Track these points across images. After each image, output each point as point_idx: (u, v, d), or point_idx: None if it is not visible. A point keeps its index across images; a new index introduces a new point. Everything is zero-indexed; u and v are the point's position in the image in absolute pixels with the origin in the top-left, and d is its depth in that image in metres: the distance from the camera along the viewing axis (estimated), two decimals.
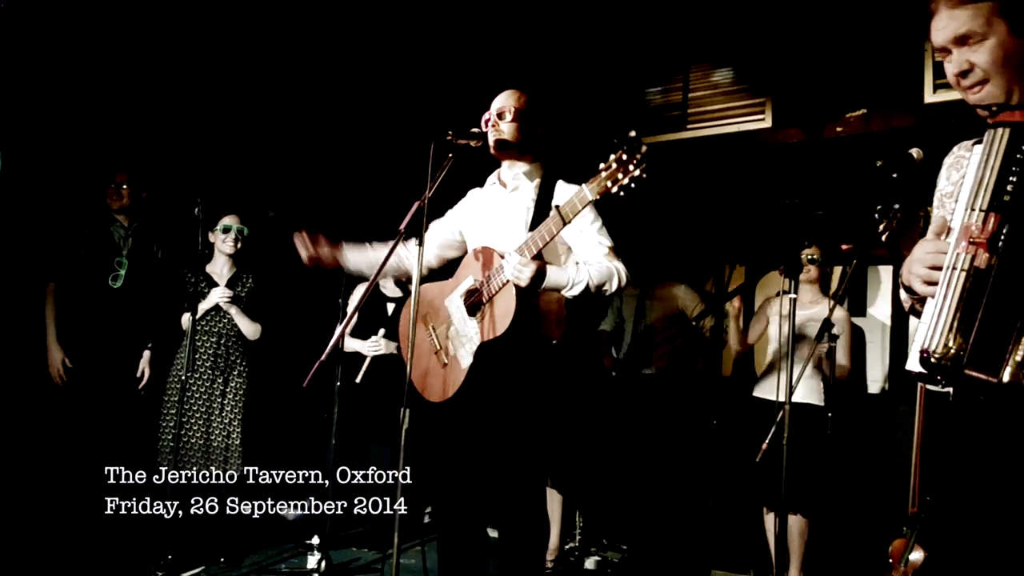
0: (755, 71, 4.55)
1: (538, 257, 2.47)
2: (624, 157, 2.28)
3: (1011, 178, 1.29)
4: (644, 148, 2.26)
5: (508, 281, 2.48)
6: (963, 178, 1.44)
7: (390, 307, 4.38)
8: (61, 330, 3.87)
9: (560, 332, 2.71)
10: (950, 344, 1.29)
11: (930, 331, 1.32)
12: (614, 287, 2.61)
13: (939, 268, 1.37)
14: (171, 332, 4.02)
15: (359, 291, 4.41)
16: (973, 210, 1.32)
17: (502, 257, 2.54)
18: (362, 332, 4.34)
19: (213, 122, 4.74)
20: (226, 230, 4.01)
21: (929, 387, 1.47)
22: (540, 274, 2.45)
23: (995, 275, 1.28)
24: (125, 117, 4.43)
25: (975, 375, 1.27)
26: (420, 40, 4.97)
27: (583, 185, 2.36)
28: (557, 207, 2.42)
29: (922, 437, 1.52)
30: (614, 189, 2.29)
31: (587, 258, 2.64)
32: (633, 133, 2.28)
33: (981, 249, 1.29)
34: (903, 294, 1.60)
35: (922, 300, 1.45)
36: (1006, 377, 1.25)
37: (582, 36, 4.92)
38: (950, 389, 1.42)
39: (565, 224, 2.40)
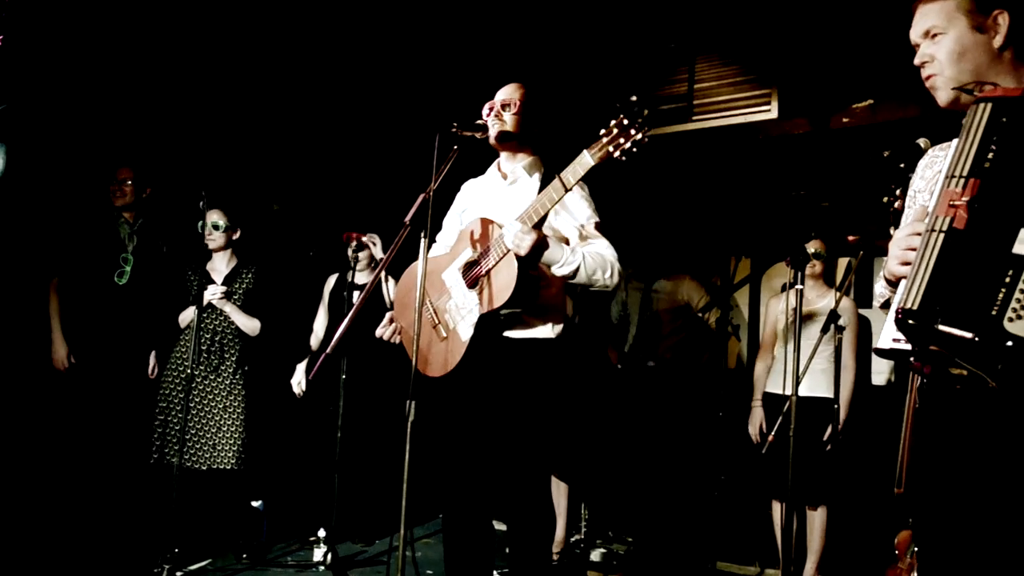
0: (761, 62, 4.52)
1: (538, 227, 2.44)
2: (626, 122, 2.27)
3: (992, 147, 1.35)
4: (646, 112, 2.25)
5: (508, 251, 2.45)
6: (938, 173, 1.50)
7: (356, 295, 4.31)
8: (65, 325, 3.86)
9: (561, 322, 2.71)
10: (927, 302, 1.31)
11: (905, 291, 1.35)
12: (605, 279, 2.56)
13: (915, 249, 1.41)
14: (170, 329, 4.03)
15: (331, 281, 4.41)
16: (953, 177, 1.37)
17: (499, 227, 2.52)
18: (336, 319, 4.31)
19: (217, 115, 4.73)
20: (202, 227, 4.03)
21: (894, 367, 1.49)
22: (540, 244, 2.42)
23: (973, 235, 1.32)
24: (130, 111, 4.42)
25: (950, 331, 1.29)
26: (424, 31, 4.95)
27: (584, 151, 2.33)
28: (558, 174, 2.39)
29: (912, 420, 1.55)
30: (616, 154, 2.28)
31: (584, 246, 2.63)
32: (634, 98, 2.27)
33: (961, 211, 1.33)
34: (880, 289, 1.63)
35: (895, 285, 1.49)
36: (980, 334, 1.27)
37: (587, 27, 4.90)
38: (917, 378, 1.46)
39: (567, 191, 2.37)
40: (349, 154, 5.31)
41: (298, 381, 4.29)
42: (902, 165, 1.85)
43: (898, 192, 1.75)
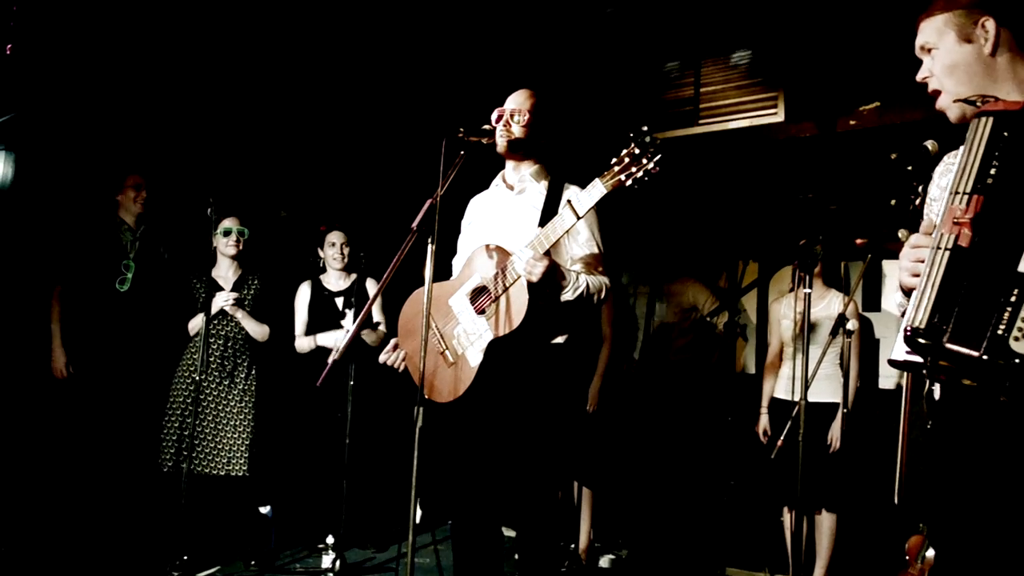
0: (767, 65, 4.51)
1: (548, 254, 2.47)
2: (637, 151, 2.31)
3: (994, 162, 1.34)
4: (657, 142, 2.29)
5: (520, 277, 2.48)
6: (949, 183, 1.49)
7: (339, 301, 4.31)
8: (67, 332, 3.87)
9: (564, 332, 2.71)
10: (934, 320, 1.32)
11: (913, 309, 1.36)
12: (602, 297, 2.66)
13: (923, 261, 1.41)
14: (176, 336, 4.03)
15: (303, 290, 4.37)
16: (958, 193, 1.36)
17: (509, 254, 2.54)
18: (314, 328, 4.30)
19: (222, 123, 4.75)
20: (227, 233, 4.02)
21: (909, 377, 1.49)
22: (551, 271, 2.46)
23: (978, 253, 1.32)
24: (134, 119, 4.44)
25: (956, 349, 1.29)
26: (430, 38, 4.97)
27: (596, 179, 2.38)
28: (569, 202, 2.44)
29: (908, 429, 1.56)
30: (628, 183, 2.34)
31: (579, 263, 2.67)
32: (645, 128, 2.31)
33: (965, 228, 1.33)
34: (899, 298, 1.64)
35: (909, 296, 1.49)
36: (986, 353, 1.27)
37: (592, 32, 4.90)
38: (936, 387, 1.46)
39: (578, 219, 2.43)
40: (355, 159, 5.32)
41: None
42: (910, 168, 1.84)
43: (920, 189, 1.74)
